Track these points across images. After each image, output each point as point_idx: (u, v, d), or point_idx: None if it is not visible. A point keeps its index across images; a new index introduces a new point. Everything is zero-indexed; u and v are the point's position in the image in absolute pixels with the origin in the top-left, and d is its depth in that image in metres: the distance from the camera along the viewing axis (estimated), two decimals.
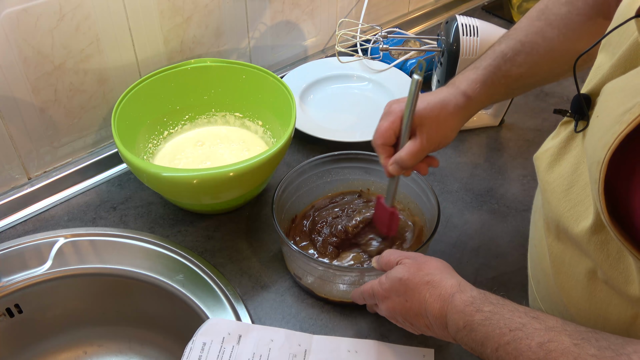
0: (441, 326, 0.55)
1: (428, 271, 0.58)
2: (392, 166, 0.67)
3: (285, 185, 0.77)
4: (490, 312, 0.50)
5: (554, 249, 0.55)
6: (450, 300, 0.54)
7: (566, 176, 0.52)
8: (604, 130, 0.41)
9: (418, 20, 1.33)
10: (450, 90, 0.68)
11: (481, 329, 0.50)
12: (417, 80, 0.61)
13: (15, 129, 0.79)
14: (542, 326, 0.46)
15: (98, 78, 0.85)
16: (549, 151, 0.56)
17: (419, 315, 0.57)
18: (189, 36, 0.93)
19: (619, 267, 0.45)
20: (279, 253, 0.80)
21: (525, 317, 0.48)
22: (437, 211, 0.72)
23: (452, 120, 0.67)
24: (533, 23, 0.67)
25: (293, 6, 1.06)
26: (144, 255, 0.77)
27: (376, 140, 0.68)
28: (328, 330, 0.70)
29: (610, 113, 0.42)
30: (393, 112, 0.66)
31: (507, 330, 0.48)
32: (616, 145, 0.40)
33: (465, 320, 0.51)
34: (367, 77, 1.11)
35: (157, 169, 0.73)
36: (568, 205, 0.50)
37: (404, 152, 0.66)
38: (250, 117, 0.94)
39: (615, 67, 0.47)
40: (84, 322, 0.80)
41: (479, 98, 0.67)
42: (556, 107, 1.09)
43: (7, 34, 0.72)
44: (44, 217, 0.84)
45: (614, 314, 0.48)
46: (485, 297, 0.52)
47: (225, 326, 0.67)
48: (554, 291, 0.57)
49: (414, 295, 0.57)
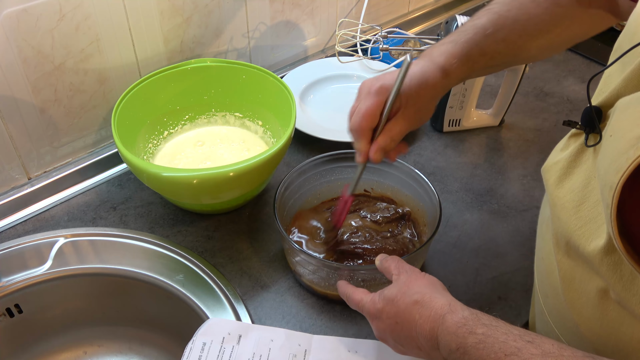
0: (433, 347, 0.53)
1: (417, 289, 0.55)
2: (377, 153, 0.62)
3: (287, 182, 0.77)
4: (484, 334, 0.48)
5: (564, 265, 0.53)
6: (441, 321, 0.51)
7: (577, 192, 0.50)
8: (617, 153, 0.40)
9: (418, 20, 1.33)
10: (428, 65, 0.63)
11: (475, 353, 0.48)
12: (408, 62, 0.58)
13: (15, 129, 0.79)
14: (539, 351, 0.45)
15: (98, 78, 0.85)
16: (559, 164, 0.54)
17: (410, 338, 0.55)
18: (189, 36, 0.93)
19: (632, 289, 0.43)
20: (279, 253, 0.80)
21: (520, 340, 0.46)
22: (438, 211, 0.72)
23: (430, 97, 0.63)
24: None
25: (293, 6, 1.06)
26: (144, 255, 0.77)
27: (361, 123, 0.61)
28: (328, 330, 0.70)
29: (625, 135, 0.40)
30: (380, 93, 0.61)
31: (502, 355, 0.46)
32: (630, 172, 0.38)
33: (458, 342, 0.49)
34: (367, 77, 1.11)
35: (157, 169, 0.73)
36: (579, 222, 0.48)
37: (389, 135, 0.61)
38: (250, 117, 0.94)
39: (628, 81, 0.45)
40: (84, 322, 0.80)
41: (456, 74, 0.64)
42: (556, 107, 1.10)
43: (7, 34, 0.72)
44: (44, 217, 0.84)
45: (626, 334, 0.47)
46: (478, 318, 0.50)
47: (225, 326, 0.67)
48: (563, 307, 0.55)
49: (404, 316, 0.54)
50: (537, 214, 0.66)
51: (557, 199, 0.53)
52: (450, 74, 0.63)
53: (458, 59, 0.63)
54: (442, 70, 0.63)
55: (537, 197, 0.90)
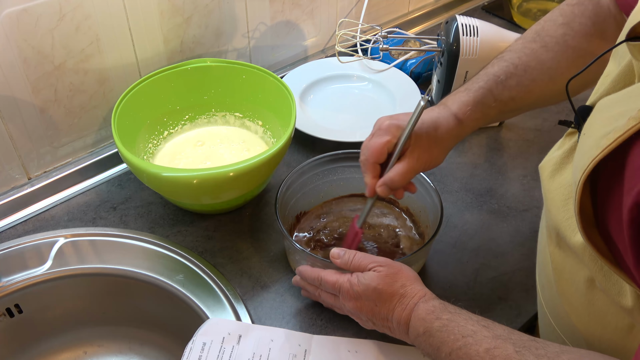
0: (403, 331, 0.60)
1: (402, 282, 0.60)
2: (380, 187, 0.64)
3: (289, 182, 0.77)
4: (448, 319, 0.55)
5: (556, 256, 0.55)
6: (414, 309, 0.58)
7: (566, 186, 0.52)
8: (584, 152, 0.42)
9: (418, 20, 1.33)
10: (441, 112, 0.66)
11: (438, 335, 0.55)
12: (422, 105, 0.60)
13: (15, 129, 0.79)
14: (490, 334, 0.52)
15: (98, 78, 0.85)
16: (553, 160, 0.56)
17: (384, 319, 0.61)
18: (189, 36, 0.93)
19: (612, 279, 0.45)
20: (279, 253, 0.80)
21: (477, 325, 0.53)
22: (439, 210, 0.72)
23: (443, 142, 0.66)
24: (528, 45, 0.66)
25: (293, 6, 1.06)
26: (144, 255, 0.77)
27: (368, 158, 0.65)
28: (328, 330, 0.70)
29: (594, 134, 0.42)
30: (389, 131, 0.64)
31: (460, 336, 0.53)
32: (590, 170, 0.40)
33: (425, 327, 0.56)
34: (367, 77, 1.11)
35: (157, 169, 0.73)
36: (566, 215, 0.50)
37: (395, 173, 0.63)
38: (250, 117, 0.94)
39: (615, 82, 0.47)
40: (84, 322, 0.80)
41: (469, 122, 0.66)
42: (556, 107, 1.09)
43: (7, 34, 0.72)
44: (44, 217, 0.84)
45: (611, 323, 0.49)
46: (445, 307, 0.57)
47: (225, 326, 0.67)
48: (556, 298, 0.57)
49: (384, 304, 0.60)
50: (537, 214, 0.67)
51: (549, 192, 0.55)
52: (464, 121, 0.66)
53: (472, 107, 0.66)
54: (455, 117, 0.65)
55: (537, 197, 0.90)
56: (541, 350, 0.48)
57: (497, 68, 0.67)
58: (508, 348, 0.49)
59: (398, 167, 0.64)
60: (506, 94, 0.66)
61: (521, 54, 0.66)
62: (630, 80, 0.45)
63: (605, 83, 0.49)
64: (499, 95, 0.66)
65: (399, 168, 0.64)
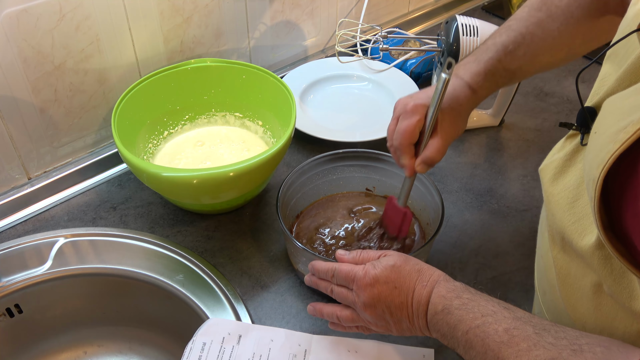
0: (422, 313, 0.57)
1: (415, 261, 0.60)
2: (420, 166, 0.66)
3: (290, 182, 0.77)
4: (468, 299, 0.55)
5: (560, 261, 0.55)
6: (436, 286, 0.57)
7: (571, 189, 0.52)
8: (599, 148, 0.41)
9: (418, 20, 1.33)
10: (457, 82, 0.68)
11: (457, 313, 0.54)
12: (446, 78, 0.60)
13: (15, 129, 0.79)
14: (511, 315, 0.51)
15: (98, 78, 0.85)
16: (554, 163, 0.56)
17: (402, 305, 0.58)
18: (189, 36, 0.93)
19: (622, 282, 0.45)
20: (279, 253, 0.80)
21: (497, 306, 0.53)
22: (440, 210, 0.72)
23: (464, 113, 0.68)
24: (534, 14, 0.67)
25: (293, 6, 1.06)
26: (144, 255, 0.77)
27: (402, 141, 0.66)
28: (328, 330, 0.70)
29: (607, 130, 0.42)
30: (416, 111, 0.65)
31: (479, 315, 0.52)
32: (610, 165, 0.40)
33: (445, 304, 0.55)
34: (367, 77, 1.11)
35: (157, 169, 0.73)
36: (572, 218, 0.50)
37: (431, 150, 0.65)
38: (250, 117, 0.94)
39: (620, 80, 0.47)
40: (84, 322, 0.80)
41: (482, 91, 0.68)
42: (556, 107, 1.10)
43: (7, 34, 0.72)
44: (44, 217, 0.84)
45: (619, 328, 0.48)
46: (466, 288, 0.57)
47: (225, 326, 0.67)
48: (559, 303, 0.56)
49: (404, 282, 0.58)
50: (537, 214, 0.67)
51: (552, 196, 0.54)
52: (477, 90, 0.68)
53: (483, 77, 0.67)
54: (469, 87, 0.67)
55: (537, 197, 0.90)
56: (560, 334, 0.48)
57: (505, 37, 0.68)
58: (527, 329, 0.49)
59: (433, 144, 0.65)
60: (515, 63, 0.68)
61: (528, 22, 0.67)
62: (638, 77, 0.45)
63: (605, 85, 0.49)
64: (508, 65, 0.68)
65: (434, 144, 0.65)
